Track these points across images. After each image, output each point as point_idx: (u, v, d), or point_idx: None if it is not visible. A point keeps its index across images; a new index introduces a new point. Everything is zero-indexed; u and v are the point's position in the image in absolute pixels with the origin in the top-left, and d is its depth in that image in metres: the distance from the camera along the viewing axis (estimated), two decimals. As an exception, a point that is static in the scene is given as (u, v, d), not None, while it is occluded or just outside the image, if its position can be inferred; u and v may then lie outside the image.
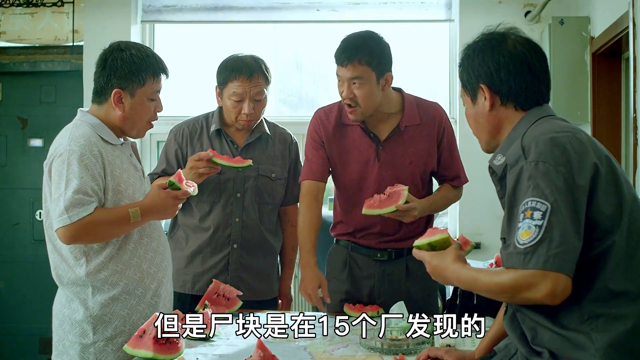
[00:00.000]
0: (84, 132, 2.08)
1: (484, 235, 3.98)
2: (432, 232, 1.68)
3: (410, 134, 2.48)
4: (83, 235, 2.01)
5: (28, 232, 4.59)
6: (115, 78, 2.11)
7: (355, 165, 2.50)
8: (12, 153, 4.61)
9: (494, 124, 1.65)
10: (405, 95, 2.53)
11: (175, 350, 1.86)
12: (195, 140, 2.65)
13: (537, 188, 1.41)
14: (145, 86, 2.13)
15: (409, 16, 4.34)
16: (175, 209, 2.21)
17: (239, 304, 2.44)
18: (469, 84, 1.67)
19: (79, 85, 4.39)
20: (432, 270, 1.64)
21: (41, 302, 4.46)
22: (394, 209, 2.30)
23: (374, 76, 2.35)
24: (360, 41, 2.36)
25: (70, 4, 4.50)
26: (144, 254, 2.16)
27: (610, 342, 1.40)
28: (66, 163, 2.02)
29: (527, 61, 1.61)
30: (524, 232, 1.40)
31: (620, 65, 3.44)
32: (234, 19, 4.44)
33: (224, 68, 2.61)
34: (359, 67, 2.33)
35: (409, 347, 1.97)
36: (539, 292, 1.37)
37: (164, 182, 2.19)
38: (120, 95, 2.11)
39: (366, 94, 2.36)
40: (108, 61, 2.12)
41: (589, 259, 1.43)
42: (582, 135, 1.51)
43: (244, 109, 2.57)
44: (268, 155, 2.70)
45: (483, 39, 1.66)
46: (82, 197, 1.99)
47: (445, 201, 2.55)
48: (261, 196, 2.67)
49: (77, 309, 2.09)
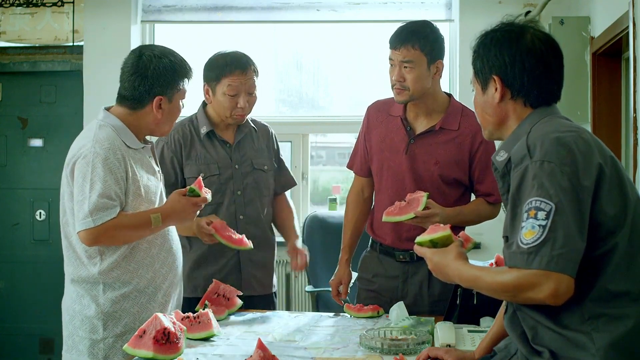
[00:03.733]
0: (108, 134, 2.10)
1: (484, 235, 3.97)
2: (434, 229, 1.68)
3: (445, 137, 2.48)
4: (105, 239, 2.04)
5: (28, 232, 4.59)
6: (158, 86, 2.14)
7: (386, 153, 2.54)
8: (12, 153, 4.61)
9: (500, 116, 1.64)
10: (453, 100, 2.56)
11: (175, 350, 1.87)
12: (188, 145, 2.65)
13: (541, 188, 1.40)
14: (181, 91, 2.20)
15: (409, 16, 4.32)
16: (194, 215, 2.24)
17: (239, 304, 2.44)
18: (481, 72, 1.66)
19: (79, 85, 4.39)
20: (434, 267, 1.63)
21: (41, 302, 4.47)
22: (413, 216, 2.30)
23: (425, 62, 2.40)
24: (414, 27, 2.43)
25: (70, 4, 4.50)
26: (157, 254, 2.18)
27: (611, 343, 1.40)
28: (90, 165, 2.04)
29: (544, 59, 1.59)
30: (528, 231, 1.39)
31: (620, 65, 3.44)
32: (234, 19, 4.44)
33: (215, 65, 2.63)
34: (412, 50, 2.39)
35: (409, 347, 1.97)
36: (541, 292, 1.37)
37: (184, 189, 2.22)
38: (161, 101, 2.15)
39: (416, 78, 2.40)
40: (149, 69, 2.13)
41: (591, 259, 1.42)
42: (587, 135, 1.50)
43: (240, 103, 2.59)
44: (257, 149, 2.73)
45: (502, 29, 1.64)
46: (106, 202, 2.02)
47: (475, 215, 2.51)
48: (260, 190, 2.70)
49: (88, 305, 2.11)
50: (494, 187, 2.46)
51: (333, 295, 2.68)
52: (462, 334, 2.03)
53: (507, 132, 1.64)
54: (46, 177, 4.47)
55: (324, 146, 5.47)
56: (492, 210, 2.54)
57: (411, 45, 2.38)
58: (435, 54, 2.42)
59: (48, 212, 4.55)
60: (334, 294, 2.67)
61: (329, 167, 5.57)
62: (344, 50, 4.61)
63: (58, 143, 4.41)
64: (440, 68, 2.44)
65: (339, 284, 2.64)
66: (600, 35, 3.35)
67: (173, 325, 1.90)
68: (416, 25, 2.44)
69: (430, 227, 1.69)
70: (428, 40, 2.40)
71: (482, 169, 2.48)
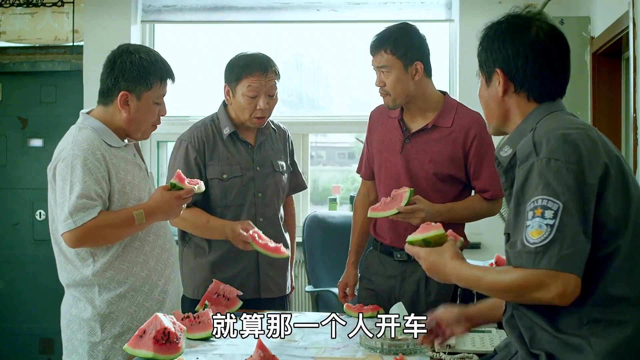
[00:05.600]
0: (87, 136, 2.10)
1: (484, 235, 3.97)
2: (426, 228, 1.64)
3: (438, 134, 2.48)
4: (88, 239, 2.04)
5: (28, 232, 4.59)
6: (123, 80, 2.12)
7: (384, 154, 2.56)
8: (12, 153, 4.61)
9: (504, 111, 1.62)
10: (447, 97, 2.56)
11: (175, 350, 1.86)
12: (211, 145, 2.62)
13: (548, 186, 1.38)
14: (152, 90, 2.16)
15: (409, 16, 4.32)
16: (179, 209, 2.21)
17: (239, 304, 2.44)
18: (485, 65, 1.64)
19: (79, 85, 4.39)
20: (429, 267, 1.61)
21: (41, 302, 4.47)
22: (396, 211, 2.31)
23: (401, 65, 2.43)
24: (387, 32, 2.47)
25: (70, 4, 4.50)
26: (150, 251, 2.18)
27: (610, 349, 1.39)
28: (70, 167, 2.05)
29: (547, 52, 1.56)
30: (534, 230, 1.37)
31: (620, 65, 3.44)
32: (234, 19, 4.44)
33: (236, 65, 2.60)
34: (385, 55, 2.44)
35: (409, 347, 1.97)
36: (549, 292, 1.35)
37: (167, 184, 2.20)
38: (126, 98, 2.13)
39: (394, 81, 2.44)
40: (117, 63, 2.13)
41: (593, 261, 1.40)
42: (593, 132, 1.48)
43: (259, 104, 2.56)
44: (276, 151, 2.73)
45: (507, 20, 1.62)
46: (86, 202, 2.01)
47: (470, 211, 2.49)
48: (278, 192, 2.70)
49: (84, 308, 2.11)
50: (490, 182, 2.46)
51: (340, 297, 2.70)
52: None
53: (512, 127, 1.62)
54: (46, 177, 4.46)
55: (324, 146, 5.47)
56: (490, 207, 2.52)
57: (383, 50, 2.44)
58: (410, 55, 2.43)
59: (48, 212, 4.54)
60: (340, 295, 2.69)
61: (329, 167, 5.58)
62: (344, 50, 4.60)
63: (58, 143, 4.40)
64: (420, 69, 2.44)
65: (346, 286, 2.67)
66: (600, 35, 3.35)
67: (173, 325, 1.90)
68: (389, 30, 2.48)
69: (422, 226, 1.67)
70: (400, 44, 2.43)
71: (477, 164, 2.47)
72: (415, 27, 2.50)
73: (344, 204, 4.68)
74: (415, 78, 2.45)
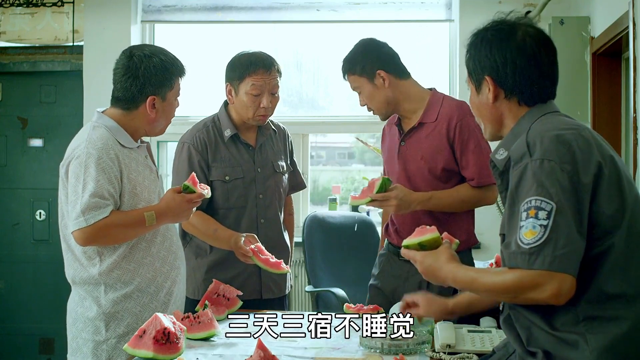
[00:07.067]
0: (101, 134, 2.10)
1: (484, 235, 3.95)
2: (422, 232, 1.65)
3: (426, 130, 2.50)
4: (98, 238, 2.05)
5: (28, 232, 4.59)
6: (150, 86, 2.14)
7: (389, 160, 2.62)
8: (12, 153, 4.61)
9: (496, 116, 1.63)
10: (434, 92, 2.56)
11: (175, 350, 1.86)
12: (213, 147, 2.61)
13: (541, 187, 1.39)
14: (174, 89, 2.20)
15: (409, 16, 4.34)
16: (189, 212, 2.23)
17: (239, 304, 2.44)
18: (474, 73, 1.65)
19: (79, 85, 4.39)
20: (425, 270, 1.62)
21: (41, 302, 4.47)
22: (370, 199, 2.35)
23: (365, 80, 2.50)
24: (345, 57, 2.55)
25: (70, 4, 4.50)
26: (156, 252, 2.19)
27: (606, 345, 1.39)
28: (83, 166, 2.05)
29: (535, 57, 1.57)
30: (528, 231, 1.38)
31: (620, 65, 3.44)
32: (234, 19, 4.44)
33: (239, 63, 2.59)
34: (351, 77, 2.53)
35: (409, 347, 1.97)
36: (544, 292, 1.36)
37: (178, 186, 2.21)
38: (154, 101, 2.15)
39: (369, 98, 2.52)
40: (140, 70, 2.13)
41: (587, 259, 1.41)
42: (587, 132, 1.49)
43: (263, 103, 2.56)
44: (276, 151, 2.73)
45: (493, 28, 1.62)
46: (98, 201, 2.02)
47: (455, 199, 2.47)
48: (279, 193, 2.71)
49: (90, 307, 2.12)
50: (475, 171, 2.45)
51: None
52: (462, 334, 2.03)
53: (507, 131, 1.62)
54: (46, 177, 4.47)
55: (324, 146, 5.47)
56: (480, 194, 2.48)
57: (348, 74, 2.53)
58: (369, 69, 2.48)
59: (48, 212, 4.54)
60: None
61: (329, 167, 5.58)
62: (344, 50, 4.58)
63: (58, 143, 4.40)
64: (384, 76, 2.47)
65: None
66: (600, 35, 3.36)
67: (173, 325, 1.90)
68: (347, 54, 2.55)
69: (417, 230, 1.69)
70: (354, 63, 2.50)
71: (462, 151, 2.46)
72: (368, 39, 2.57)
73: (343, 204, 4.68)
74: (385, 85, 2.48)
